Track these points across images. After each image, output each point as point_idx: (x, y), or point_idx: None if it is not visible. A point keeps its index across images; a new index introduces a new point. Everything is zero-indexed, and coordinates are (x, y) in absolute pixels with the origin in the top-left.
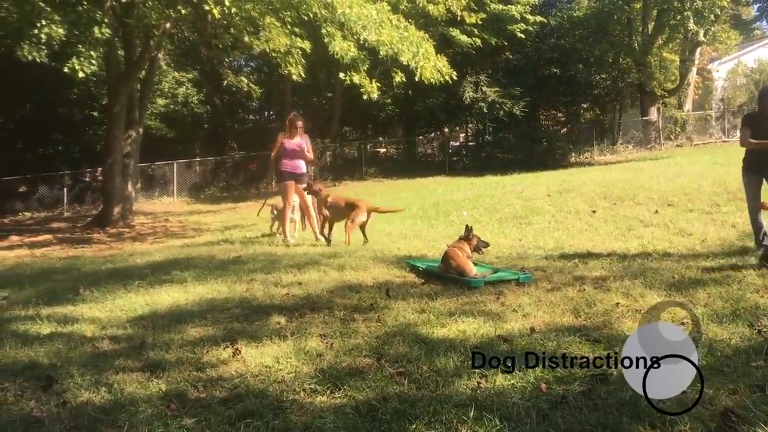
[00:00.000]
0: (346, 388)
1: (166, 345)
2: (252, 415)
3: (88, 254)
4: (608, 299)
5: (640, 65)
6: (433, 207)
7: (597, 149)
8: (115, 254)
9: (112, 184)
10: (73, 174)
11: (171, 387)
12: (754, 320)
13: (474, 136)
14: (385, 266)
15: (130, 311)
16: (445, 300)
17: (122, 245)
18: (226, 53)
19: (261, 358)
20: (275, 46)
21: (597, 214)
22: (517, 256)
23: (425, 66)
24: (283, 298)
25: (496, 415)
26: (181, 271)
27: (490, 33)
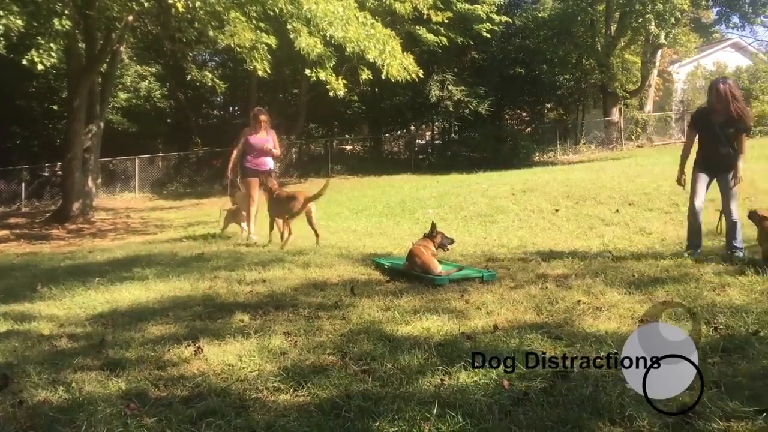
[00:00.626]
0: (310, 386)
1: (126, 343)
2: (214, 414)
3: (47, 250)
4: (570, 297)
5: (602, 66)
6: (399, 205)
7: (560, 149)
8: (75, 251)
9: (71, 179)
10: (31, 168)
11: (131, 386)
12: (711, 318)
13: (440, 135)
14: (350, 264)
15: (89, 309)
16: (410, 297)
17: (82, 242)
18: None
19: (223, 356)
20: (240, 41)
21: (560, 212)
22: (482, 254)
23: (392, 64)
24: (246, 296)
25: (458, 412)
26: (142, 269)
27: (456, 32)
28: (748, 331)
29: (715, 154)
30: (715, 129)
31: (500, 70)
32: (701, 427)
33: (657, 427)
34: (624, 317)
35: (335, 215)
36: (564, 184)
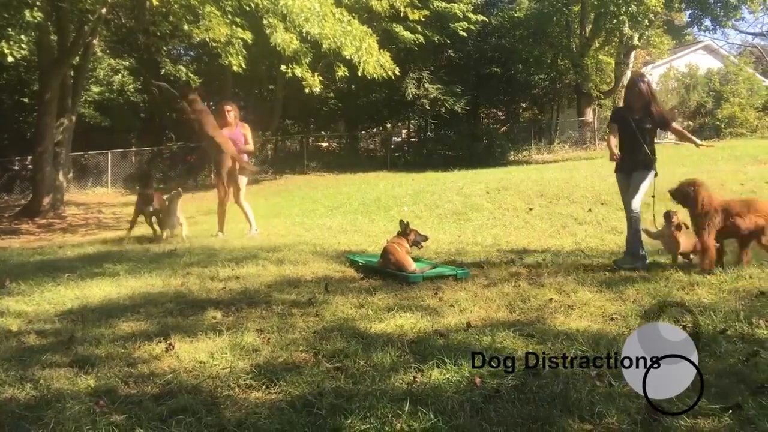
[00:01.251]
0: (282, 383)
1: (96, 340)
2: (184, 412)
3: (16, 245)
4: (542, 295)
5: (577, 67)
6: (375, 202)
7: (535, 148)
8: (45, 246)
9: (42, 174)
10: (1, 162)
11: (100, 383)
12: (679, 316)
13: (416, 133)
14: (324, 261)
15: (58, 305)
16: (384, 295)
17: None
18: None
19: (195, 353)
20: (215, 36)
21: (533, 211)
22: (456, 252)
23: (368, 61)
24: (219, 293)
25: (430, 409)
26: (113, 264)
27: (432, 30)
28: (716, 329)
29: (631, 153)
30: (633, 126)
31: (476, 69)
32: (669, 424)
33: (625, 424)
34: (595, 315)
35: (310, 212)
36: (538, 183)
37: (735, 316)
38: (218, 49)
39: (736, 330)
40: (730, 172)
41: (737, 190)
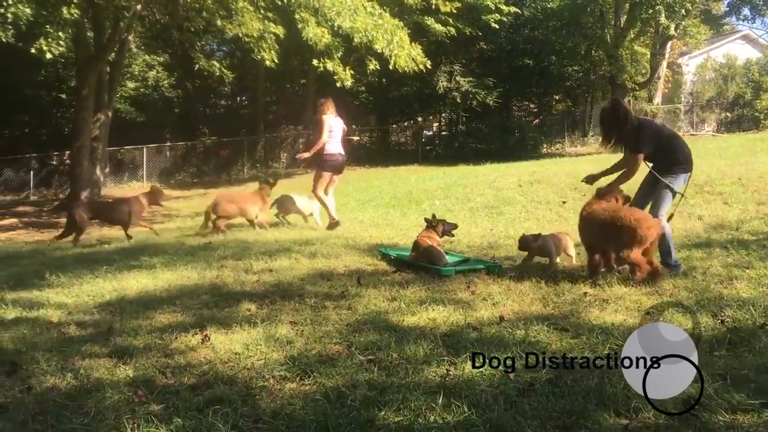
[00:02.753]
0: (316, 375)
1: (134, 331)
2: (220, 402)
3: None
4: (576, 289)
5: (611, 58)
6: (406, 196)
7: (568, 140)
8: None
9: (80, 168)
10: (39, 157)
11: (138, 373)
12: (717, 311)
13: (447, 126)
14: (356, 254)
15: (97, 297)
16: (416, 288)
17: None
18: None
19: (230, 344)
20: (248, 31)
21: (567, 204)
22: (488, 246)
23: (399, 54)
24: (253, 285)
25: (464, 402)
26: (150, 257)
27: (464, 22)
28: (755, 324)
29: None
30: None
31: (508, 61)
32: (707, 420)
33: (662, 419)
34: (630, 309)
35: (342, 206)
36: (571, 175)
37: None
38: (251, 44)
39: None
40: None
41: None
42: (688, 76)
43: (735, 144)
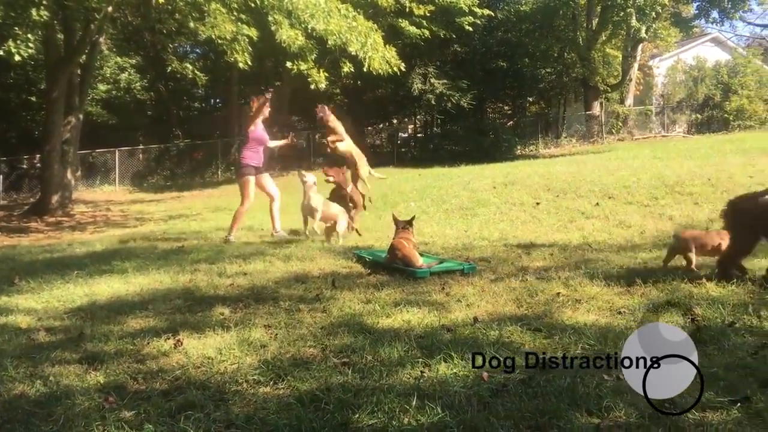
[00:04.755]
0: (290, 378)
1: (105, 336)
2: (193, 407)
3: (25, 243)
4: (549, 289)
5: (584, 60)
6: (381, 198)
7: (542, 142)
8: (53, 244)
9: (50, 172)
10: (9, 161)
11: (109, 379)
12: (687, 309)
13: (422, 128)
14: (331, 257)
15: (67, 302)
16: (391, 290)
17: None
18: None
19: (203, 349)
20: (221, 33)
21: (540, 206)
22: (463, 247)
23: (374, 56)
24: (227, 289)
25: (438, 404)
26: (121, 262)
27: (438, 25)
28: (724, 322)
29: None
30: None
31: (482, 64)
32: (677, 418)
33: (634, 418)
34: (602, 309)
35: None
36: (545, 177)
37: (743, 309)
38: (224, 46)
39: (745, 323)
40: (739, 165)
41: (746, 183)
42: (659, 78)
43: (705, 145)
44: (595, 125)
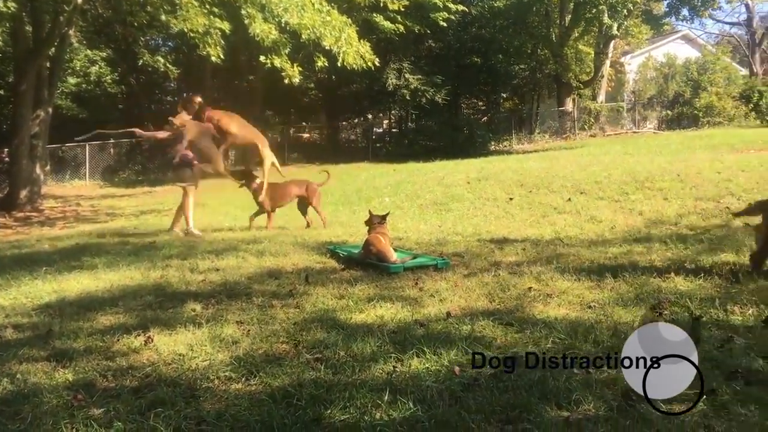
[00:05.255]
0: (262, 375)
1: (74, 333)
2: (163, 404)
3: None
4: (521, 284)
5: (557, 57)
6: (356, 193)
7: (515, 138)
8: (22, 239)
9: (18, 166)
10: None
11: (78, 377)
12: (656, 303)
13: (397, 123)
14: (305, 252)
15: (36, 299)
16: (365, 286)
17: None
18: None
19: (174, 346)
20: (193, 26)
21: (514, 201)
22: (437, 242)
23: (348, 51)
24: (199, 285)
25: (410, 399)
26: (91, 257)
27: (413, 20)
28: (692, 316)
29: None
30: None
31: (457, 59)
32: (644, 410)
33: (602, 411)
34: (573, 303)
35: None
36: (518, 172)
37: (710, 303)
38: (196, 39)
39: (711, 317)
40: (707, 160)
41: (714, 178)
42: (630, 74)
43: (675, 141)
44: (568, 121)
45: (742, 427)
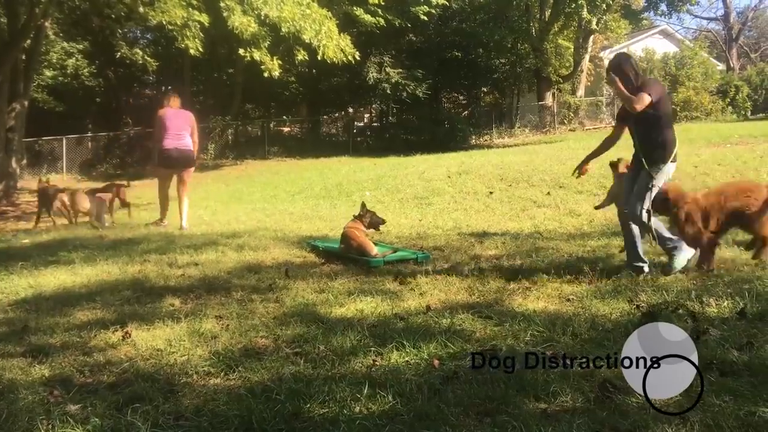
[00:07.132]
0: (241, 369)
1: (50, 329)
2: (141, 400)
3: None
4: (501, 277)
5: (537, 51)
6: (336, 187)
7: (496, 132)
8: None
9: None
10: None
11: (55, 373)
12: (633, 296)
13: (378, 117)
14: (285, 246)
15: (11, 294)
16: (345, 280)
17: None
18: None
19: (152, 341)
20: (171, 19)
21: (494, 195)
22: (417, 236)
23: (328, 45)
24: (178, 280)
25: (389, 392)
26: (68, 252)
27: (393, 14)
28: (669, 308)
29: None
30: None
31: (437, 54)
32: (621, 401)
33: (579, 402)
34: (552, 296)
35: (271, 197)
36: (498, 166)
37: (687, 295)
38: (175, 32)
39: (688, 309)
40: (684, 155)
41: (691, 172)
42: None
43: None
44: (548, 115)
45: (716, 417)
